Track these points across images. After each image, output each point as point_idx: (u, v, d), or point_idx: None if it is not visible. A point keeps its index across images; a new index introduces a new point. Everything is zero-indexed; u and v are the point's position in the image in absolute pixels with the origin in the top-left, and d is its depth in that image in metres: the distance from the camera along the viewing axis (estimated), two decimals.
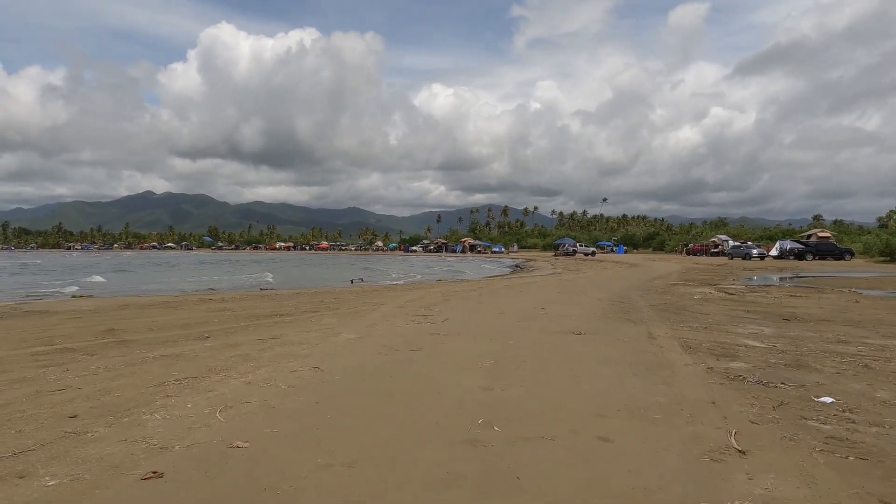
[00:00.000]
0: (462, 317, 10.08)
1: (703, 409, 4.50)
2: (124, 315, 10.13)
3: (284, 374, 5.33)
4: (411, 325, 8.85)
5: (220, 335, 7.77)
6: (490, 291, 15.97)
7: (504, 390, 4.97)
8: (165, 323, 9.04)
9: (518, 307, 11.85)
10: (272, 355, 6.23)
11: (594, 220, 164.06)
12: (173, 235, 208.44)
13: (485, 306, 12.00)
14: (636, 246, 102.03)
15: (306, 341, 7.17)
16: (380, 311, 10.85)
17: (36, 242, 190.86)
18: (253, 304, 12.26)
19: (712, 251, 64.69)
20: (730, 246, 57.60)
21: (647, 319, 10.19)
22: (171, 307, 11.61)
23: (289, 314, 10.33)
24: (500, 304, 12.53)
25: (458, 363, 6.03)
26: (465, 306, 11.84)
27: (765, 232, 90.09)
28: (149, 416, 3.93)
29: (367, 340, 7.33)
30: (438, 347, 6.95)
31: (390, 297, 13.75)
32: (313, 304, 12.14)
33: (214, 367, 5.62)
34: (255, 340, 7.25)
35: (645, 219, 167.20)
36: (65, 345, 6.96)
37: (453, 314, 10.43)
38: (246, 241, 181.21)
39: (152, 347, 6.78)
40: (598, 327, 9.11)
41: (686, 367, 6.17)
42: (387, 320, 9.43)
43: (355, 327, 8.53)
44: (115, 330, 8.23)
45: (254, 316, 10.03)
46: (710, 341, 7.94)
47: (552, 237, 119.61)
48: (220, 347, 6.74)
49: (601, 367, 6.09)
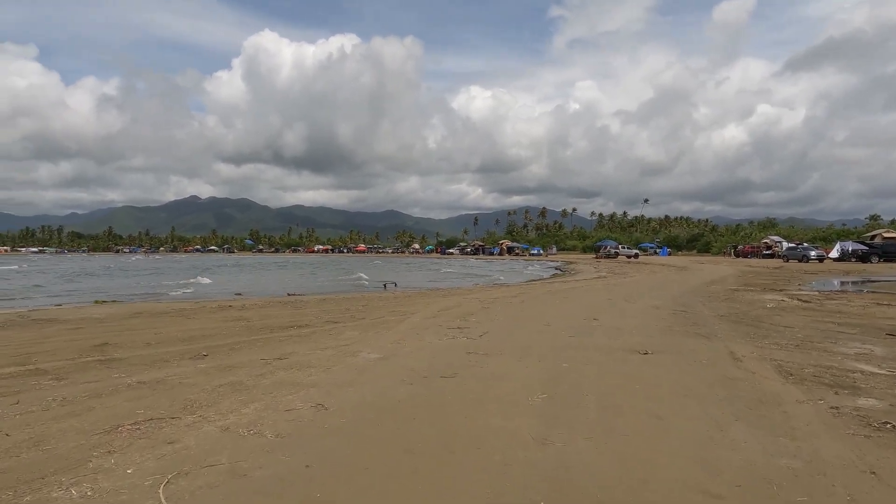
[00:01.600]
0: (503, 330, 8.76)
1: (861, 484, 3.09)
2: (129, 326, 9.20)
3: (277, 413, 4.13)
4: (444, 341, 7.58)
5: (221, 353, 6.67)
6: (532, 298, 14.57)
7: (566, 444, 3.65)
8: (168, 336, 8.02)
9: (566, 317, 10.45)
10: (271, 384, 5.05)
11: (635, 221, 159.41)
12: (216, 239, 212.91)
13: (528, 316, 10.65)
14: (679, 248, 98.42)
15: (317, 363, 5.98)
16: (409, 322, 9.62)
17: (87, 246, 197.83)
18: (272, 313, 11.21)
19: (764, 253, 61.40)
20: (785, 247, 54.35)
21: (720, 334, 8.67)
22: (185, 316, 10.67)
23: (307, 325, 9.21)
24: (545, 313, 11.14)
25: (501, 397, 4.73)
26: (505, 316, 10.51)
27: (817, 233, 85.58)
28: (63, 491, 2.77)
29: (390, 362, 6.09)
30: (476, 373, 5.66)
31: (423, 305, 12.52)
32: (337, 313, 11.01)
33: (194, 401, 4.47)
34: (258, 361, 6.10)
35: (688, 220, 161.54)
36: (39, 365, 5.96)
37: (493, 326, 9.12)
38: (285, 244, 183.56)
39: (136, 370, 5.71)
40: (665, 344, 7.65)
41: (800, 406, 4.71)
42: (416, 334, 8.19)
43: (379, 343, 7.31)
44: (108, 345, 7.24)
45: (268, 328, 8.94)
46: (813, 365, 6.41)
47: (592, 239, 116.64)
48: (213, 370, 5.62)
49: (688, 403, 4.69)
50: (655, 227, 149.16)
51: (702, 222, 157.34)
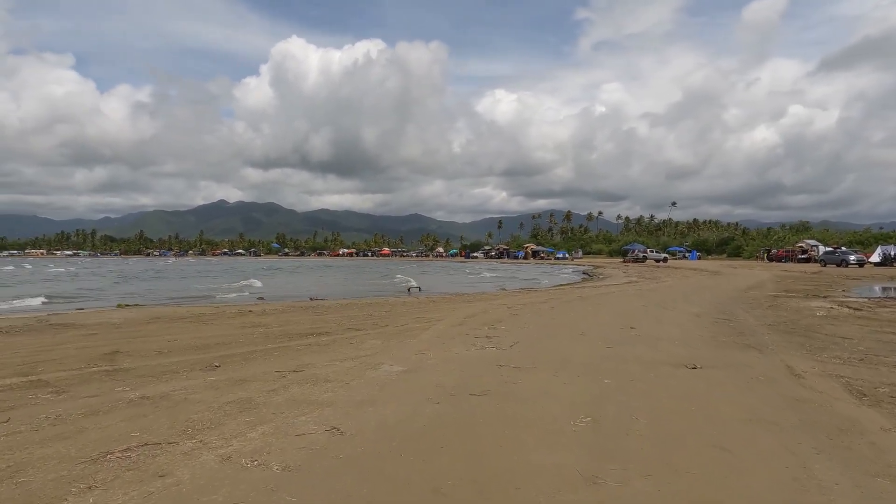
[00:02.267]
0: (535, 339, 8.18)
1: None
2: (144, 332, 8.87)
3: (287, 439, 3.65)
4: (472, 352, 7.04)
5: (235, 363, 6.25)
6: (562, 304, 13.93)
7: (621, 484, 3.08)
8: (182, 343, 7.65)
9: (601, 325, 9.82)
10: (283, 401, 4.58)
11: (662, 225, 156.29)
12: (243, 242, 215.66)
13: (560, 324, 10.05)
14: (709, 252, 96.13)
15: (335, 377, 5.50)
16: (435, 329, 9.10)
17: (119, 249, 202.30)
18: (293, 319, 10.82)
19: (799, 257, 59.35)
20: (822, 252, 52.37)
21: (772, 345, 7.96)
22: (202, 321, 10.33)
23: (328, 333, 8.76)
24: (578, 320, 10.52)
25: (539, 421, 4.18)
26: (536, 324, 9.93)
27: (854, 236, 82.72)
28: None
29: (414, 376, 5.58)
30: (509, 390, 5.12)
31: (448, 311, 11.99)
32: (359, 320, 10.55)
33: (196, 421, 4.02)
34: (272, 374, 5.65)
35: (717, 223, 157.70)
36: (43, 375, 5.60)
37: (523, 335, 8.55)
38: (311, 247, 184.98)
39: (141, 382, 5.31)
40: (713, 357, 7.00)
41: (889, 436, 4.07)
42: (442, 343, 7.67)
43: (402, 354, 6.81)
44: (119, 353, 6.88)
45: (287, 335, 8.52)
46: (886, 384, 5.70)
47: (618, 243, 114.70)
48: (223, 384, 5.18)
49: (756, 431, 4.08)
50: (683, 230, 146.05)
51: (731, 226, 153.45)
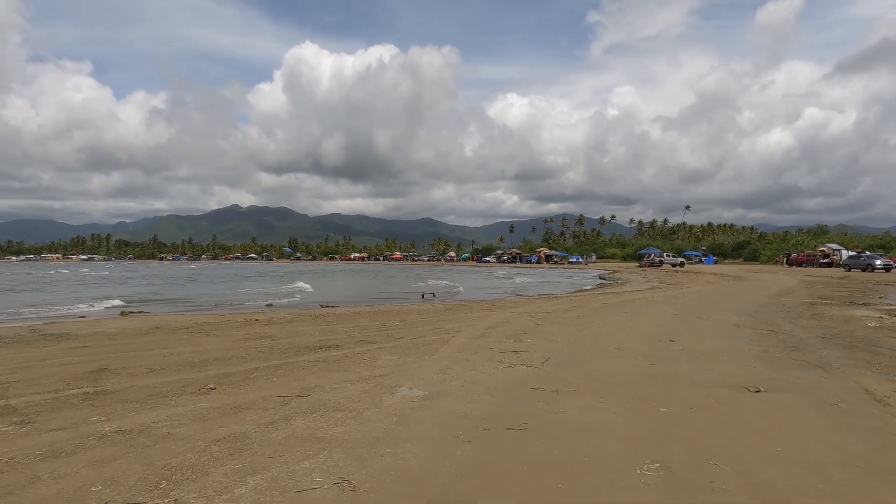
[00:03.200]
0: (567, 355, 7.37)
1: None
2: (139, 345, 8.16)
3: (285, 498, 2.89)
4: (500, 371, 6.25)
5: (232, 385, 5.50)
6: (588, 313, 13.09)
7: None
8: (178, 359, 6.93)
9: (636, 338, 8.98)
10: (283, 438, 3.82)
11: (676, 228, 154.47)
12: (255, 247, 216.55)
13: (590, 336, 9.22)
14: (725, 256, 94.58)
15: (346, 404, 4.73)
16: (455, 342, 8.31)
17: (133, 254, 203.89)
18: (301, 329, 10.08)
19: (821, 262, 57.82)
20: (846, 256, 50.91)
21: (836, 363, 7.08)
22: (204, 332, 9.63)
23: (338, 346, 8.00)
24: (610, 332, 9.69)
25: (595, 466, 3.39)
26: (564, 336, 9.10)
27: (874, 240, 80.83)
28: None
29: (438, 404, 4.79)
30: (550, 421, 4.32)
31: (467, 321, 11.20)
32: (372, 331, 9.79)
33: (175, 468, 3.27)
34: (273, 399, 4.89)
35: (732, 227, 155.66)
36: (13, 400, 4.89)
37: (553, 349, 7.74)
38: (323, 251, 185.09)
39: (122, 409, 4.58)
40: (774, 377, 6.15)
41: None
42: (465, 360, 6.88)
43: (421, 374, 6.03)
44: (106, 371, 6.18)
45: (294, 348, 7.77)
46: None
47: (632, 247, 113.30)
48: (214, 414, 4.43)
49: (869, 484, 3.26)
50: (698, 234, 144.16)
51: (747, 229, 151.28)
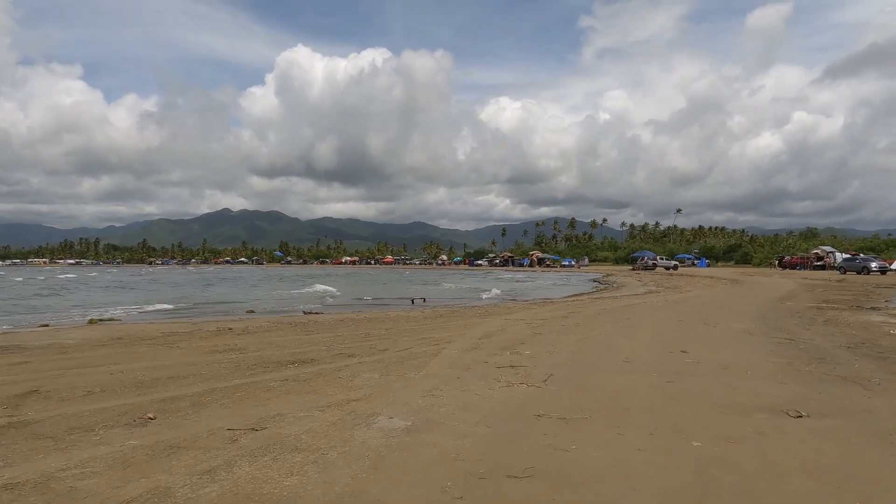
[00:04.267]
0: (571, 370, 6.52)
1: None
2: (87, 361, 7.22)
3: None
4: (497, 391, 5.39)
5: (178, 412, 4.61)
6: (587, 319, 12.26)
7: None
8: (127, 377, 6.01)
9: (644, 348, 8.15)
10: (217, 497, 2.94)
11: (668, 231, 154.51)
12: (246, 251, 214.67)
13: (594, 345, 8.38)
14: (716, 259, 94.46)
15: (308, 442, 3.84)
16: (445, 355, 7.44)
17: (122, 258, 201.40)
18: (276, 340, 9.16)
19: (815, 264, 57.47)
20: (840, 258, 50.54)
21: (873, 377, 6.28)
22: (168, 344, 8.69)
23: (313, 360, 7.11)
24: (614, 341, 8.85)
25: None
26: (565, 346, 8.25)
27: (864, 242, 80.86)
28: None
29: (421, 439, 3.92)
30: (562, 464, 3.47)
31: (459, 330, 10.32)
32: (354, 341, 8.89)
33: None
34: (221, 434, 4.00)
35: (723, 230, 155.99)
36: None
37: (555, 363, 6.89)
38: (314, 255, 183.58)
39: (30, 448, 3.68)
40: (810, 397, 5.33)
41: None
42: (457, 378, 6.01)
43: (404, 397, 5.15)
44: (36, 394, 5.25)
45: (262, 364, 6.87)
46: None
47: (624, 250, 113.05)
48: (141, 456, 3.54)
49: None
50: (689, 237, 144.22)
51: (737, 232, 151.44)
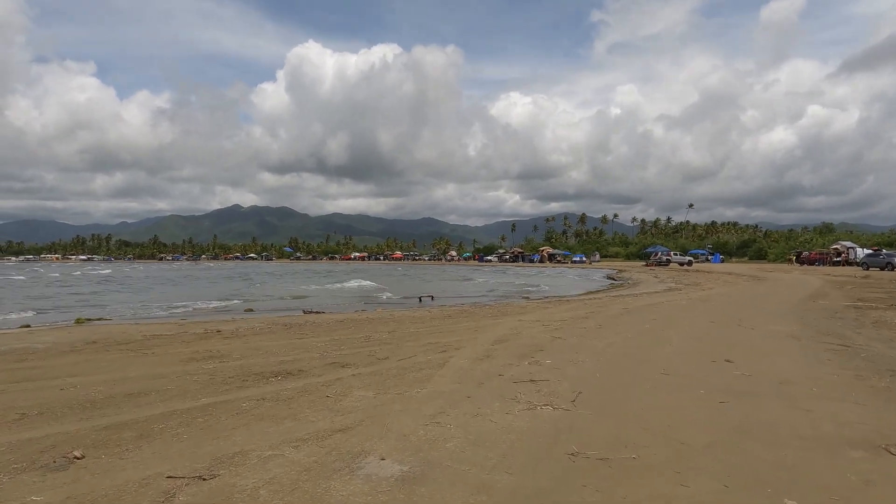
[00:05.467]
0: (602, 383, 5.51)
1: None
2: (45, 370, 6.30)
3: None
4: (516, 416, 4.40)
5: (116, 447, 3.67)
6: (608, 319, 11.22)
7: None
8: (77, 394, 5.08)
9: (681, 357, 7.11)
10: None
11: (680, 227, 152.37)
12: (256, 247, 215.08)
13: (622, 353, 7.35)
14: (730, 254, 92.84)
15: (267, 499, 2.90)
16: (453, 366, 6.45)
17: (133, 254, 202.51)
18: (264, 346, 8.21)
19: (834, 260, 55.90)
20: (863, 254, 48.94)
21: None
22: (143, 350, 7.76)
23: (300, 371, 6.15)
24: (644, 346, 7.82)
25: None
26: (592, 355, 7.23)
27: (882, 238, 78.83)
28: None
29: (419, 497, 2.95)
30: None
31: (469, 333, 9.32)
32: (351, 347, 7.93)
33: None
34: (155, 487, 3.04)
35: (735, 225, 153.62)
36: None
37: (582, 375, 5.88)
38: (323, 251, 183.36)
39: None
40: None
41: None
42: (467, 396, 5.02)
43: (402, 425, 4.17)
44: None
45: (241, 376, 5.92)
46: None
47: (635, 246, 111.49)
48: None
49: None
50: (701, 233, 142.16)
51: (750, 228, 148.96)
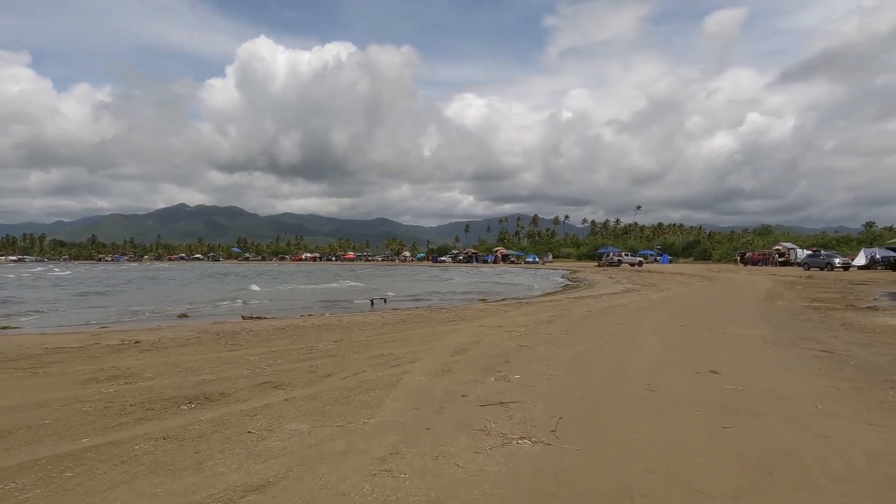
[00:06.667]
0: (582, 403, 4.70)
1: None
2: None
3: None
4: (489, 458, 3.51)
5: None
6: (573, 324, 10.53)
7: None
8: None
9: (658, 365, 6.41)
10: None
11: (628, 228, 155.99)
12: (202, 247, 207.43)
13: (596, 363, 6.59)
14: (677, 255, 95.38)
15: None
16: (408, 385, 5.51)
17: (68, 254, 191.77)
18: (186, 360, 7.04)
19: (778, 260, 57.88)
20: (804, 255, 50.74)
21: None
22: (35, 369, 6.48)
23: (222, 395, 5.09)
24: (620, 357, 7.09)
25: None
26: (563, 366, 6.42)
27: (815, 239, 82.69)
28: None
29: None
30: None
31: (425, 343, 8.38)
32: (289, 361, 6.87)
33: None
34: None
35: (681, 227, 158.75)
36: None
37: (558, 393, 5.06)
38: (273, 252, 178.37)
39: None
40: None
41: None
42: (426, 429, 4.10)
43: (339, 480, 3.19)
44: None
45: (147, 403, 4.81)
46: None
47: (586, 246, 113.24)
48: None
49: None
50: (649, 234, 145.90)
51: (695, 229, 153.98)
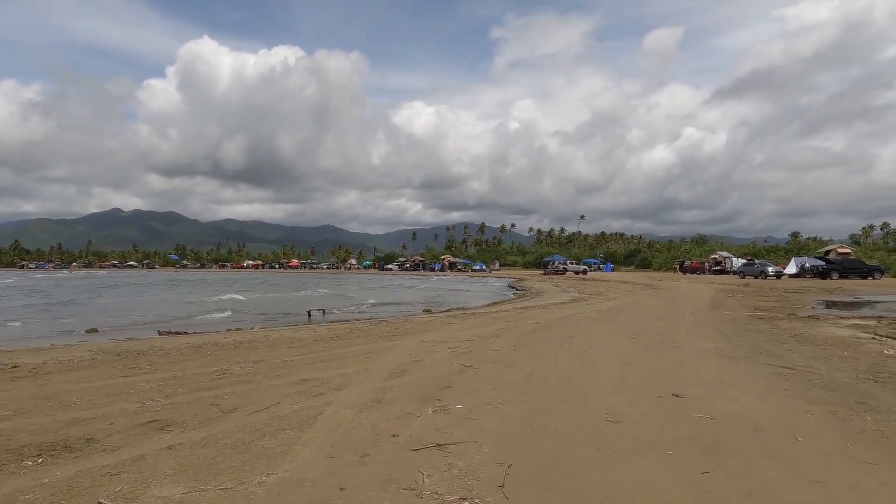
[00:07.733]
0: (535, 445, 3.92)
1: None
2: None
3: None
4: None
5: None
6: (522, 338, 9.82)
7: None
8: None
9: (619, 391, 5.73)
10: None
11: (572, 237, 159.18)
12: (137, 254, 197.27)
13: (553, 392, 5.84)
14: (619, 263, 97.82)
15: None
16: (328, 421, 4.58)
17: None
18: (62, 392, 5.84)
19: (714, 269, 59.95)
20: (739, 263, 52.60)
21: None
22: None
23: (89, 441, 4.00)
24: (575, 380, 6.38)
25: None
26: (512, 392, 5.65)
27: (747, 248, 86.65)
28: None
29: None
30: None
31: (358, 363, 7.43)
32: (192, 389, 5.80)
33: None
34: None
35: (622, 236, 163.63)
36: None
37: (506, 429, 4.26)
38: (213, 259, 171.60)
39: None
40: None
41: None
42: (338, 492, 3.21)
43: None
44: None
45: None
46: None
47: (532, 255, 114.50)
48: None
49: None
50: (592, 243, 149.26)
51: (635, 238, 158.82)
